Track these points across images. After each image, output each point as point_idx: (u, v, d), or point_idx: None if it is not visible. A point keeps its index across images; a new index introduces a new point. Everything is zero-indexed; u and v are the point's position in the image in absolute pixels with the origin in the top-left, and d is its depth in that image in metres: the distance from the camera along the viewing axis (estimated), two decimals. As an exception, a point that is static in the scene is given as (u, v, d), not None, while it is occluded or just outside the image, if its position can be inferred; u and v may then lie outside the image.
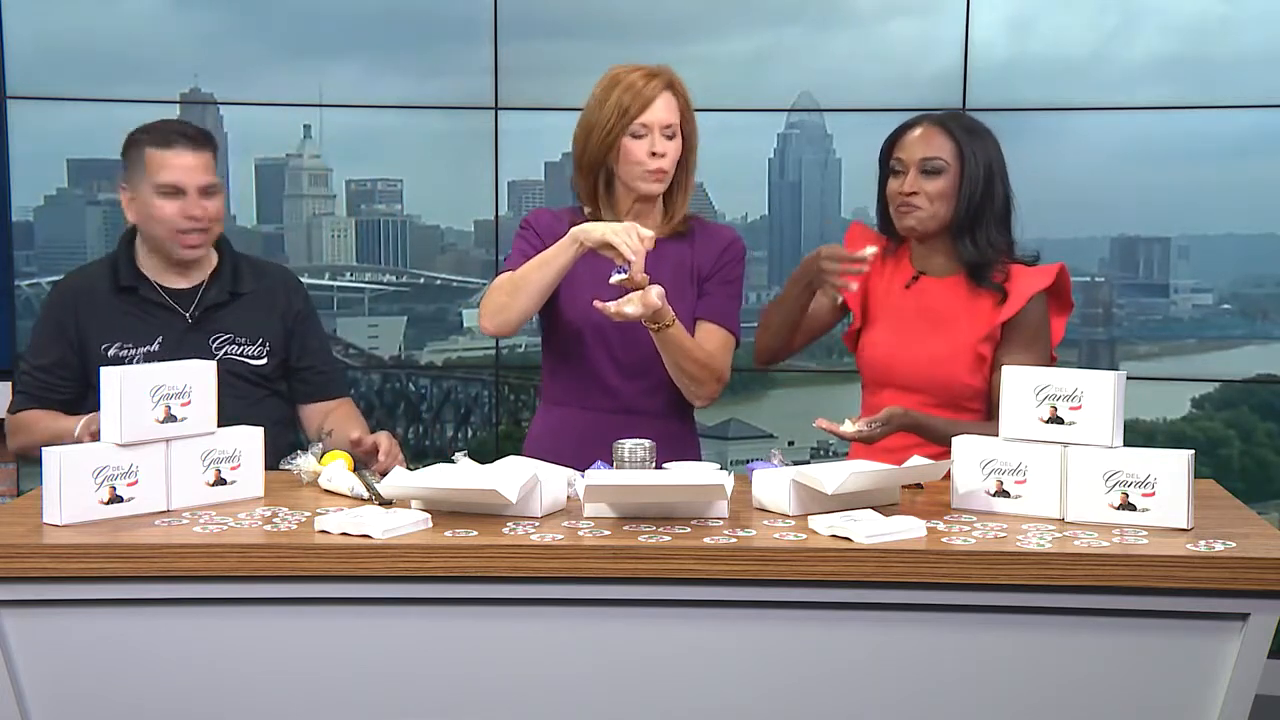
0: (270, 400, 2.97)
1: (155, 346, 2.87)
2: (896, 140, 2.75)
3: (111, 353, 2.86)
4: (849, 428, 2.55)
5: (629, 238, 2.55)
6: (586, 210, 2.84)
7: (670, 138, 2.76)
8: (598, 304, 2.60)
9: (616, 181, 2.79)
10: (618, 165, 2.77)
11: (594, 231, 2.60)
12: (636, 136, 2.74)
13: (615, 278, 2.57)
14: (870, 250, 2.66)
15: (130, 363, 2.82)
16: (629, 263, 2.55)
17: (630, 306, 2.58)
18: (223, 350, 2.91)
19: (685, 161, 2.81)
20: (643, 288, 2.57)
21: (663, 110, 2.74)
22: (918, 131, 2.72)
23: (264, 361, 2.95)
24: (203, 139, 2.90)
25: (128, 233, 2.98)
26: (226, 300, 2.94)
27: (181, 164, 2.85)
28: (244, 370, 2.92)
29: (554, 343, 2.86)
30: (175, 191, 2.84)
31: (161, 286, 2.92)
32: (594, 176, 2.79)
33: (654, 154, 2.73)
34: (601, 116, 2.74)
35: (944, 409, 2.69)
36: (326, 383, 3.07)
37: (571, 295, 2.78)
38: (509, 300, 2.70)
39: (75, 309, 2.90)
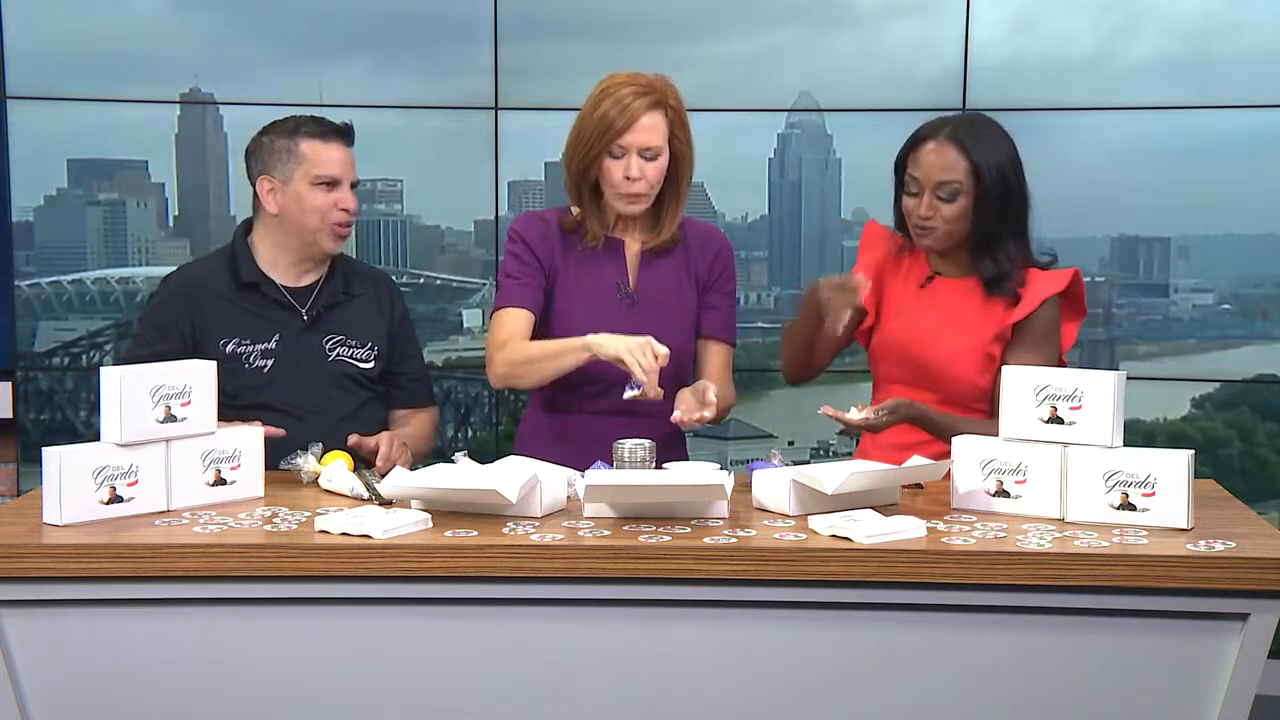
0: (373, 403, 2.99)
1: (272, 344, 2.88)
2: (910, 153, 2.71)
3: (230, 348, 2.86)
4: (855, 415, 2.55)
5: (643, 357, 2.52)
6: (575, 211, 2.84)
7: (651, 159, 2.72)
8: (675, 419, 2.60)
9: (603, 193, 2.79)
10: (601, 180, 2.76)
11: (607, 347, 2.57)
12: (615, 157, 2.71)
13: (629, 394, 2.57)
14: (864, 282, 2.64)
15: (248, 359, 2.85)
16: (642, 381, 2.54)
17: (708, 412, 2.60)
18: (335, 352, 2.94)
19: (676, 176, 2.78)
20: (657, 400, 2.56)
21: (645, 132, 2.70)
22: (931, 149, 2.67)
23: (371, 365, 2.97)
24: (352, 134, 2.95)
25: (243, 228, 2.99)
26: (341, 300, 2.97)
27: (340, 157, 2.91)
28: (354, 373, 2.95)
29: None
30: (333, 184, 2.89)
31: (280, 284, 2.93)
32: (580, 184, 2.79)
33: (629, 178, 2.71)
34: (586, 130, 2.72)
35: (951, 407, 2.69)
36: (420, 390, 3.10)
37: (568, 308, 2.80)
38: (521, 372, 2.73)
39: (192, 303, 2.89)
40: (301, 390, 2.85)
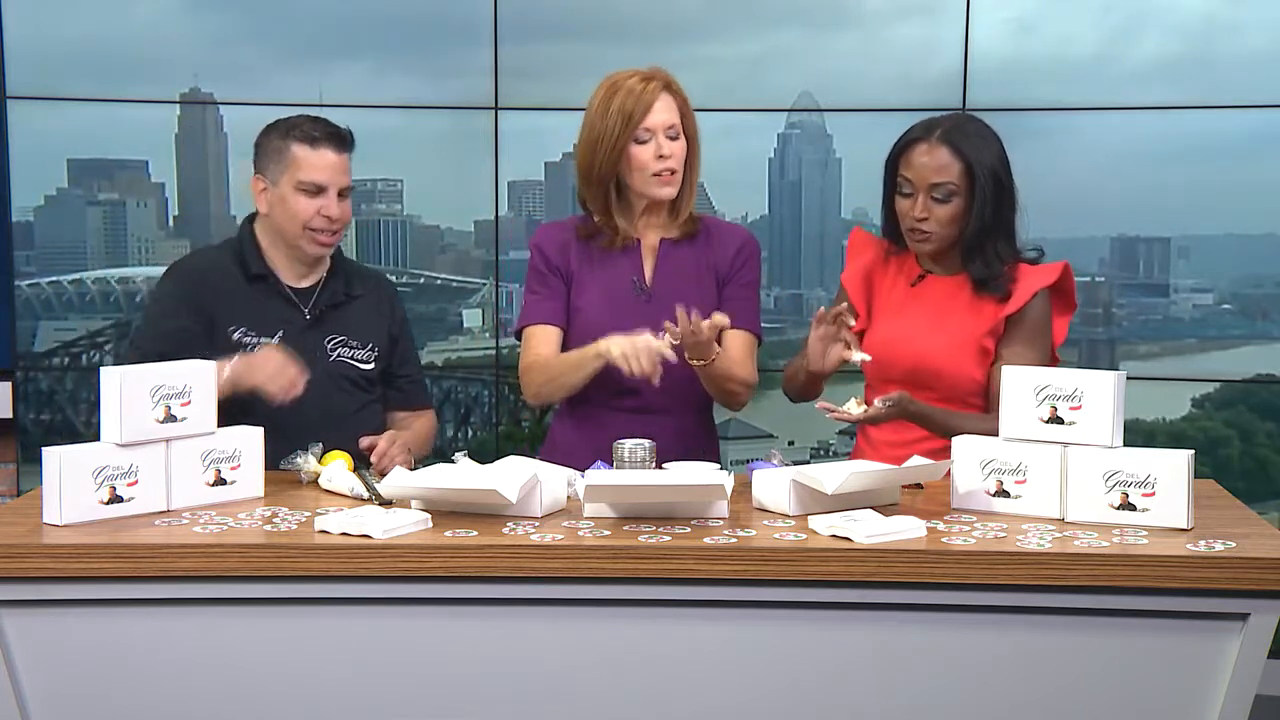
0: (372, 405, 2.98)
1: (276, 339, 2.86)
2: (902, 154, 2.71)
3: (236, 336, 2.84)
4: (856, 410, 2.55)
5: (635, 362, 2.59)
6: (597, 219, 2.84)
7: (674, 138, 2.78)
8: (663, 335, 2.62)
9: (627, 189, 2.81)
10: (628, 174, 2.78)
11: (613, 349, 2.63)
12: (641, 142, 2.75)
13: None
14: (846, 306, 2.65)
15: (251, 349, 2.80)
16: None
17: (700, 337, 2.63)
18: (336, 352, 2.93)
19: (690, 160, 2.83)
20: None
21: (664, 112, 2.76)
22: (924, 150, 2.68)
23: (371, 366, 2.97)
24: (347, 140, 2.92)
25: (248, 221, 2.98)
26: (342, 301, 2.96)
27: (326, 163, 2.87)
28: (354, 374, 2.94)
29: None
30: (317, 190, 2.86)
31: (284, 281, 2.93)
32: (604, 187, 2.80)
33: (661, 156, 2.76)
34: (606, 126, 2.75)
35: (949, 404, 2.69)
36: (418, 392, 3.10)
37: (584, 304, 2.82)
38: (549, 390, 2.82)
39: (205, 286, 2.88)
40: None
